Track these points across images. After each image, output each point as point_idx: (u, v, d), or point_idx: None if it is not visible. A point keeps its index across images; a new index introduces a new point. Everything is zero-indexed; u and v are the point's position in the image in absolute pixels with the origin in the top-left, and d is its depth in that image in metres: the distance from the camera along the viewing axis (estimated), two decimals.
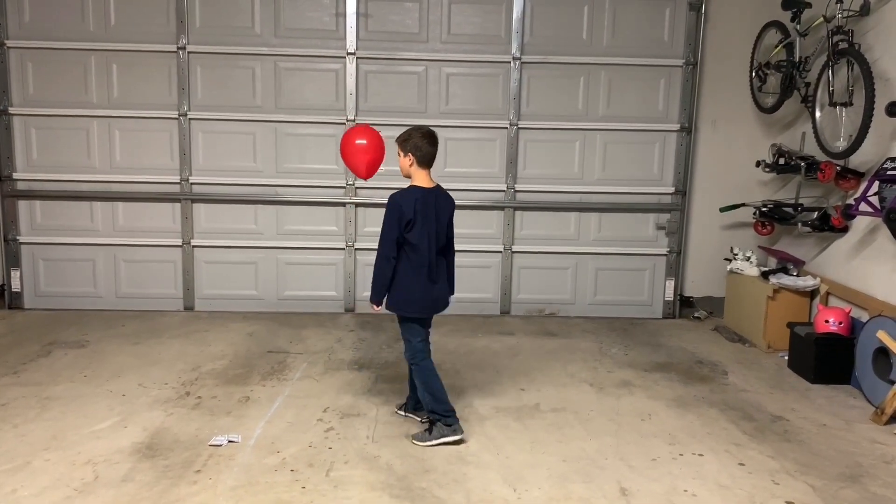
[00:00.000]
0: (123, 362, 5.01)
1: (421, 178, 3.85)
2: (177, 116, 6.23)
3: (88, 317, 6.13)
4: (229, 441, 3.80)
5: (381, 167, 4.39)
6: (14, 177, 6.24)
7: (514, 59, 6.28)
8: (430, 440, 3.80)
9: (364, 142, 4.23)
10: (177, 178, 6.31)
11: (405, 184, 3.96)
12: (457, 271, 4.26)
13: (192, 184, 6.32)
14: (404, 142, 3.82)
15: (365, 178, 4.39)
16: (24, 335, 5.59)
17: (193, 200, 6.34)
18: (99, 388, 4.51)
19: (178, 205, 6.35)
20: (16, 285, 6.36)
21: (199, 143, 6.29)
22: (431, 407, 3.85)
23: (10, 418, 4.02)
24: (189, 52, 6.16)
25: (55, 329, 5.76)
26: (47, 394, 4.39)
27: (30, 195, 6.30)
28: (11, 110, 6.16)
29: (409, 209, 3.74)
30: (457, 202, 5.44)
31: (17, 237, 6.32)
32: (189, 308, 6.45)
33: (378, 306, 3.89)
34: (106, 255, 6.38)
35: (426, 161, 3.84)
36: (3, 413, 4.09)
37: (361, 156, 4.24)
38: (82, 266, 6.39)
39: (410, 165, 3.84)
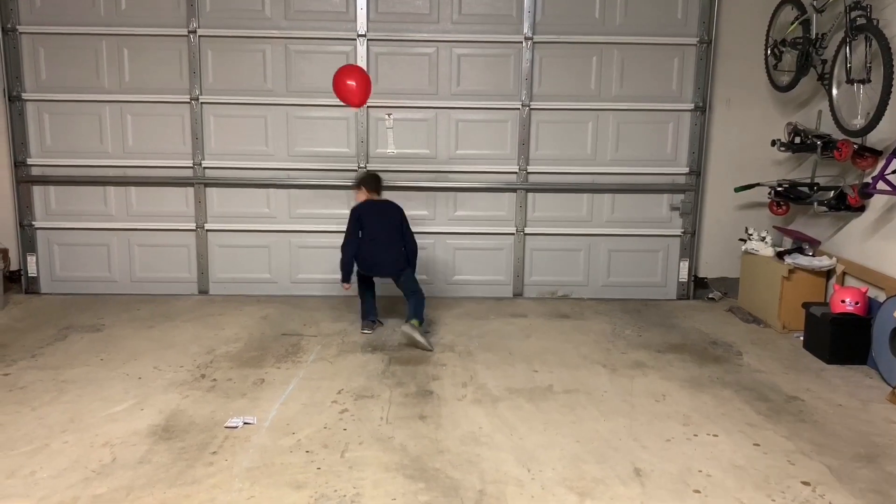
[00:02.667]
0: (139, 346, 5.05)
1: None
2: (188, 101, 6.24)
3: (103, 301, 6.17)
4: (245, 423, 3.82)
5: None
6: (28, 162, 6.28)
7: (526, 38, 6.22)
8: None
9: (353, 83, 5.20)
10: (189, 163, 6.32)
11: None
12: (469, 253, 6.25)
13: (204, 168, 6.33)
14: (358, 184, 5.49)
15: (357, 107, 5.57)
16: (40, 320, 5.64)
17: (206, 185, 6.36)
18: (115, 372, 4.55)
19: (191, 189, 6.37)
20: (32, 270, 6.41)
21: (210, 127, 6.29)
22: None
23: (29, 401, 4.07)
24: (200, 36, 6.15)
25: (71, 313, 5.81)
26: (64, 377, 4.44)
27: (44, 181, 6.33)
28: (24, 96, 6.19)
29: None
30: (468, 184, 6.28)
31: (33, 222, 6.37)
32: (203, 292, 6.48)
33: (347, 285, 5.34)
34: (120, 239, 6.42)
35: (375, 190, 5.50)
36: (21, 396, 4.14)
37: (354, 92, 5.21)
38: (97, 251, 6.43)
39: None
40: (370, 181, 5.50)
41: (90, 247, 6.42)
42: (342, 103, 5.33)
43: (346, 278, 5.31)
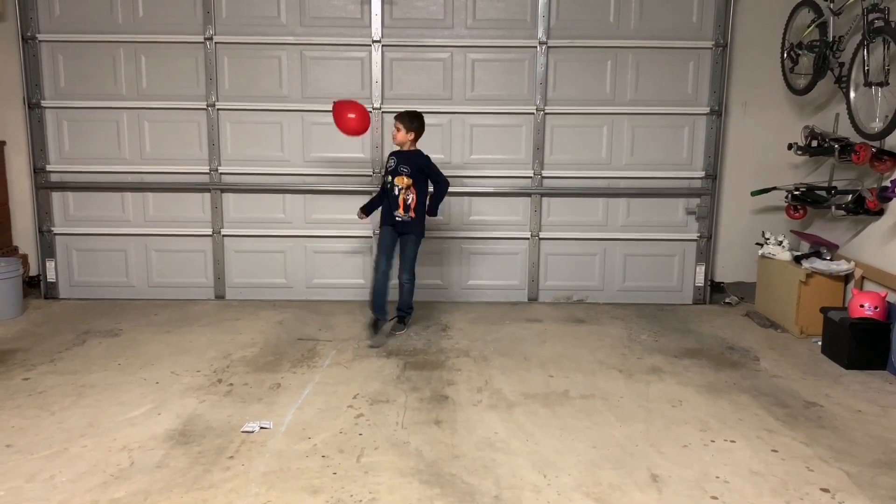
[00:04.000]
0: (156, 351, 5.08)
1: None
2: (205, 107, 6.28)
3: (121, 306, 6.23)
4: (261, 427, 3.84)
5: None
6: (47, 169, 6.35)
7: (541, 43, 6.22)
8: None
9: (353, 115, 5.35)
10: (206, 169, 6.37)
11: None
12: (484, 257, 6.45)
13: (221, 174, 6.38)
14: (411, 121, 5.40)
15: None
16: (59, 324, 5.70)
17: (223, 190, 6.40)
18: (133, 376, 4.58)
19: (207, 195, 6.41)
20: (51, 276, 6.48)
21: (227, 133, 6.34)
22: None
23: (48, 405, 4.11)
24: (216, 43, 6.20)
25: (89, 318, 5.86)
26: (83, 382, 4.47)
27: (63, 187, 6.40)
28: (44, 103, 6.26)
29: None
30: (483, 189, 6.46)
31: (52, 228, 6.43)
32: (220, 297, 6.52)
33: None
34: (137, 245, 6.47)
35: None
36: (40, 400, 4.18)
37: (353, 125, 5.38)
38: (115, 256, 6.48)
39: (412, 140, 5.46)
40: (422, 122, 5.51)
41: (108, 252, 6.48)
42: (341, 110, 5.38)
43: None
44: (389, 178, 5.39)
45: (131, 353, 5.02)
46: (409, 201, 5.37)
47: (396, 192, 5.35)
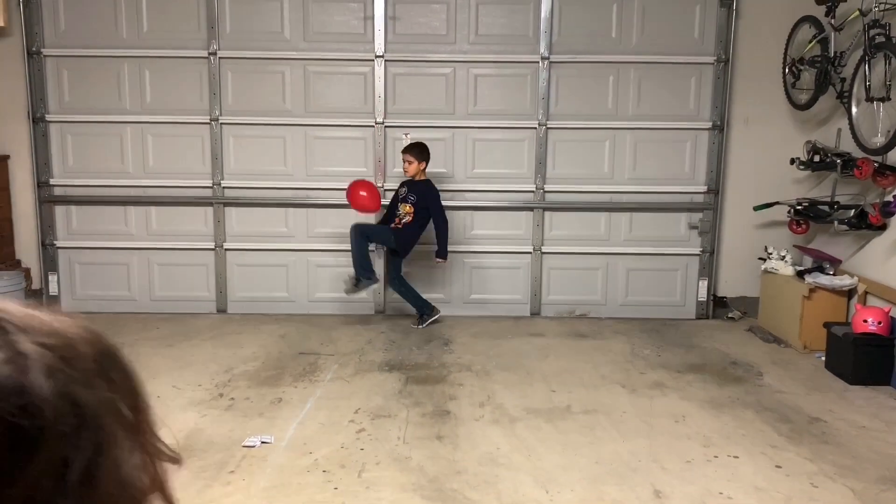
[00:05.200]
0: (158, 364, 5.07)
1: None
2: (208, 121, 6.31)
3: (123, 319, 6.22)
4: (262, 442, 3.83)
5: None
6: (51, 182, 6.37)
7: (543, 58, 6.25)
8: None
9: (365, 193, 5.72)
10: (209, 183, 6.39)
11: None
12: (486, 271, 6.52)
13: (223, 188, 6.40)
14: (420, 153, 5.83)
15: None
16: None
17: (225, 204, 6.41)
18: None
19: (210, 209, 6.43)
20: (53, 289, 6.48)
21: (230, 147, 6.36)
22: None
23: None
24: (220, 58, 6.24)
25: None
26: None
27: (66, 200, 6.42)
28: (48, 117, 6.29)
29: None
30: (485, 203, 6.57)
31: (55, 241, 6.44)
32: (222, 310, 6.52)
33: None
34: (140, 258, 6.48)
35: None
36: None
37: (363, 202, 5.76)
38: (117, 270, 6.49)
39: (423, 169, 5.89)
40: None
41: (110, 266, 6.48)
42: (354, 188, 5.76)
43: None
44: (398, 203, 5.90)
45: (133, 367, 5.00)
46: (406, 220, 5.86)
47: (399, 213, 5.89)
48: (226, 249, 6.47)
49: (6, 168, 6.38)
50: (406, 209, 5.82)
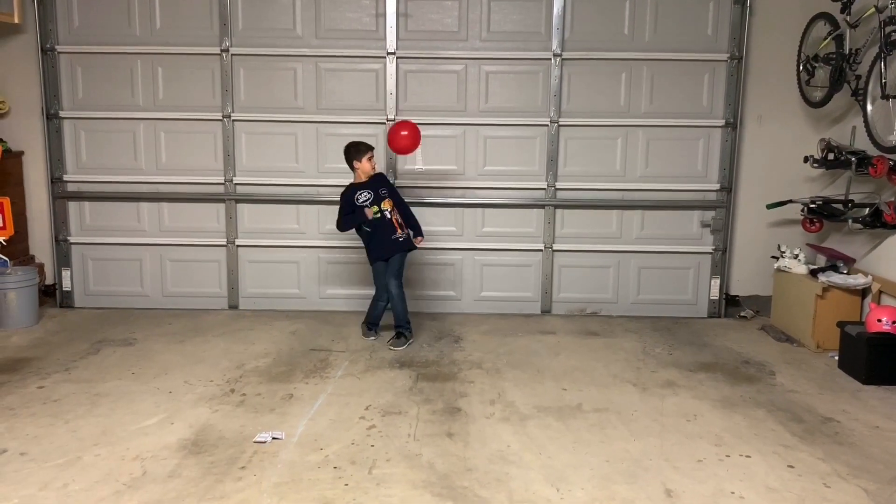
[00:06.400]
0: (170, 360, 5.10)
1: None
2: (221, 118, 6.33)
3: (136, 315, 6.25)
4: (273, 438, 3.84)
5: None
6: (64, 178, 6.41)
7: (555, 55, 6.23)
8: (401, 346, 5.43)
9: (406, 132, 5.38)
10: (221, 179, 6.41)
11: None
12: (497, 269, 6.32)
13: (235, 184, 6.41)
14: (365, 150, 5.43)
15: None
16: (74, 333, 5.73)
17: (237, 201, 6.43)
18: (146, 386, 4.60)
19: (222, 205, 6.45)
20: (66, 285, 6.52)
21: (242, 144, 6.38)
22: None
23: (62, 414, 4.13)
24: (232, 55, 6.25)
25: (104, 327, 5.89)
26: (97, 390, 4.49)
27: (79, 196, 6.45)
28: (62, 114, 6.32)
29: None
30: (496, 200, 6.44)
31: (68, 237, 6.48)
32: (233, 307, 6.54)
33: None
34: (152, 254, 6.51)
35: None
36: (55, 409, 4.20)
37: (405, 142, 5.40)
38: (130, 265, 6.52)
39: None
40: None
41: (123, 262, 6.52)
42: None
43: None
44: (376, 208, 5.35)
45: (145, 363, 5.04)
46: (396, 216, 5.43)
47: (388, 217, 5.39)
48: (237, 246, 6.49)
49: (20, 164, 6.43)
50: (387, 205, 5.38)
